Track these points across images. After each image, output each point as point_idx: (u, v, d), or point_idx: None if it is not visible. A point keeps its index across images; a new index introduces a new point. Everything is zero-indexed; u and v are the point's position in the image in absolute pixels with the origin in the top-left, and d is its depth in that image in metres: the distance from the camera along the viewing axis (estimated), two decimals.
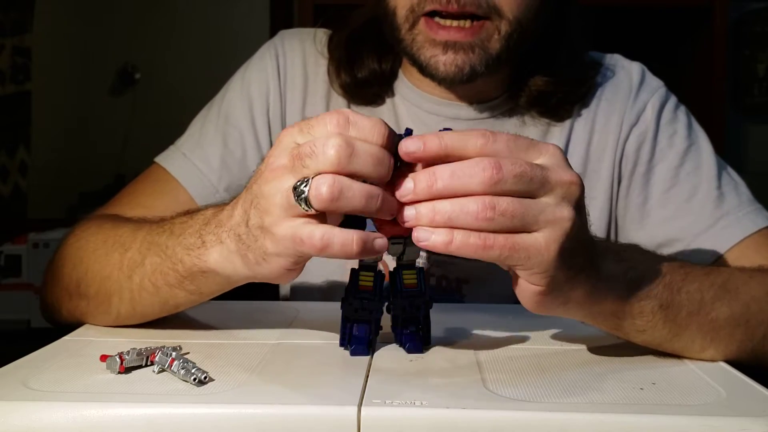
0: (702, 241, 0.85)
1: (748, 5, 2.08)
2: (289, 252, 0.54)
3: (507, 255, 0.52)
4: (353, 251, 0.52)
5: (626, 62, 0.95)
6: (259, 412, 0.49)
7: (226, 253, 0.59)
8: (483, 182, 0.51)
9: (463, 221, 0.51)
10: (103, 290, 0.70)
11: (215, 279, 0.62)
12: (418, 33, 0.80)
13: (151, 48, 2.42)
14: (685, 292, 0.63)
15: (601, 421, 0.48)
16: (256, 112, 0.93)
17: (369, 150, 0.52)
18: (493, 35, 0.79)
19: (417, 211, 0.52)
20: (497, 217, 0.51)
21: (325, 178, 0.51)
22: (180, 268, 0.63)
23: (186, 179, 0.89)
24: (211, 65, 2.30)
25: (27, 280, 1.50)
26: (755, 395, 0.54)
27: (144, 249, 0.68)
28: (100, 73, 2.42)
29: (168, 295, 0.66)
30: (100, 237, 0.75)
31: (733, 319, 0.64)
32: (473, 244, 0.51)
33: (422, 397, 0.50)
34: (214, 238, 0.60)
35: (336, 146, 0.51)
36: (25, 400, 0.50)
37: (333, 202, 0.51)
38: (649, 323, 0.61)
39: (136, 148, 2.38)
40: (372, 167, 0.52)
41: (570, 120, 0.92)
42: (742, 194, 0.88)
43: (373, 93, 0.92)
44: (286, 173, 0.53)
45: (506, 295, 0.91)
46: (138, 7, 2.41)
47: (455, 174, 0.52)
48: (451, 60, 0.79)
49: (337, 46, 0.93)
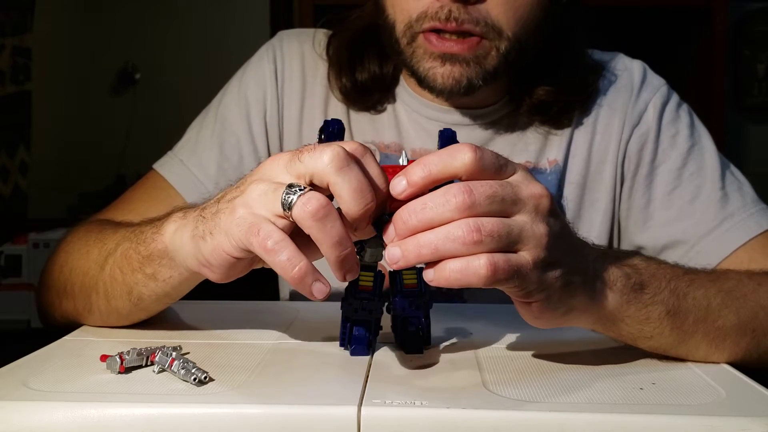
0: (706, 244, 0.84)
1: (748, 5, 2.08)
2: (237, 235, 0.53)
3: (510, 276, 0.51)
4: (289, 275, 0.52)
5: (627, 61, 0.95)
6: (259, 412, 0.49)
7: (179, 226, 0.60)
8: (457, 208, 0.50)
9: (451, 247, 0.50)
10: (85, 287, 0.71)
11: (168, 261, 0.62)
12: (417, 46, 0.80)
13: (151, 48, 2.42)
14: (691, 298, 0.62)
15: (601, 421, 0.48)
16: (253, 116, 0.92)
17: (358, 176, 0.52)
18: (490, 51, 0.79)
19: (402, 249, 0.51)
20: (485, 238, 0.50)
21: (320, 196, 0.51)
22: (142, 249, 0.64)
23: (182, 186, 0.89)
24: (211, 65, 2.30)
25: (27, 280, 1.50)
26: (755, 395, 0.54)
27: (120, 238, 0.68)
28: (101, 73, 2.43)
29: (131, 281, 0.66)
30: (84, 238, 0.76)
31: (740, 327, 0.64)
32: (476, 272, 0.50)
33: (422, 397, 0.50)
34: (180, 215, 0.61)
35: (335, 152, 0.51)
36: (25, 400, 0.50)
37: (311, 219, 0.51)
38: (656, 329, 0.61)
39: (137, 148, 2.38)
40: (363, 182, 0.52)
41: (571, 122, 0.91)
42: (746, 194, 0.87)
43: (374, 100, 0.91)
44: (282, 164, 0.54)
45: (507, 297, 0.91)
46: (138, 7, 2.41)
47: (427, 206, 0.51)
48: (449, 72, 0.79)
49: (337, 50, 0.92)
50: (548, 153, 0.90)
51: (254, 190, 0.54)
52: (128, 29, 2.41)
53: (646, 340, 0.62)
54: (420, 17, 0.78)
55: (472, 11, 0.77)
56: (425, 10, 0.78)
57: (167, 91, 2.41)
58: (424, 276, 0.52)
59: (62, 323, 0.76)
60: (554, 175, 0.90)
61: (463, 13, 0.76)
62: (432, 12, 0.77)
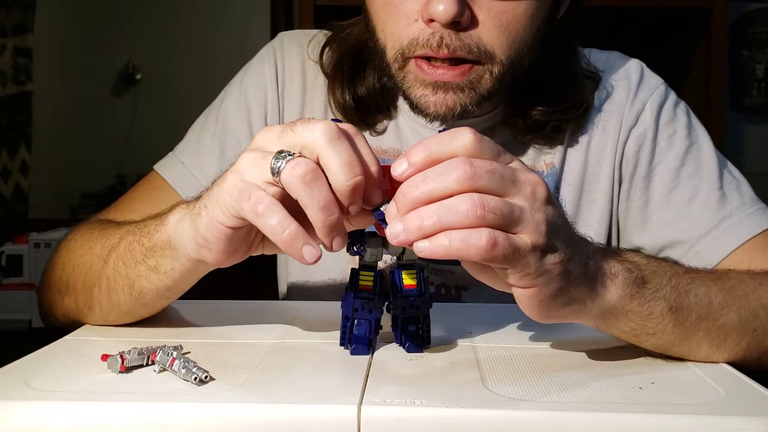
0: (705, 244, 0.84)
1: (748, 5, 2.08)
2: (228, 201, 0.55)
3: (508, 254, 0.51)
4: (279, 238, 0.53)
5: (624, 60, 0.94)
6: (259, 411, 0.49)
7: (182, 216, 0.61)
8: (458, 179, 0.51)
9: (453, 220, 0.51)
10: (87, 282, 0.71)
11: (170, 252, 0.63)
12: (408, 72, 0.78)
13: (152, 48, 2.42)
14: (693, 296, 0.62)
15: (600, 420, 0.48)
16: (254, 119, 0.92)
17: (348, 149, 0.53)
18: (483, 75, 0.77)
19: (403, 223, 0.51)
20: (487, 214, 0.51)
21: (307, 162, 0.53)
22: (146, 241, 0.65)
23: (182, 188, 0.89)
24: (212, 65, 2.31)
25: (28, 279, 1.50)
26: (755, 395, 0.54)
27: (123, 233, 0.69)
28: (101, 73, 2.43)
29: (133, 273, 0.66)
30: (86, 236, 0.76)
31: (741, 326, 0.63)
32: (476, 243, 0.50)
33: (422, 397, 0.50)
34: (183, 206, 0.63)
35: (327, 125, 0.53)
36: (26, 400, 0.50)
37: (298, 182, 0.52)
38: (659, 326, 0.60)
39: (137, 148, 2.38)
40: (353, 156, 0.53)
41: (564, 139, 0.90)
42: (744, 194, 0.87)
43: (375, 120, 0.90)
44: (275, 134, 0.56)
45: (507, 297, 0.91)
46: (139, 8, 2.41)
47: (428, 177, 0.52)
48: (441, 100, 0.76)
49: (335, 68, 0.90)
50: (545, 156, 0.90)
51: (245, 159, 0.56)
52: (129, 30, 2.42)
53: (649, 337, 0.61)
54: (411, 44, 0.76)
55: (464, 37, 0.74)
56: (416, 36, 0.75)
57: (168, 92, 2.41)
58: (416, 248, 0.52)
59: (63, 322, 0.77)
60: (551, 178, 0.89)
61: (455, 40, 0.74)
62: (423, 39, 0.74)
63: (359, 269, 0.62)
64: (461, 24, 0.73)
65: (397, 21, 0.76)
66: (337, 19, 0.94)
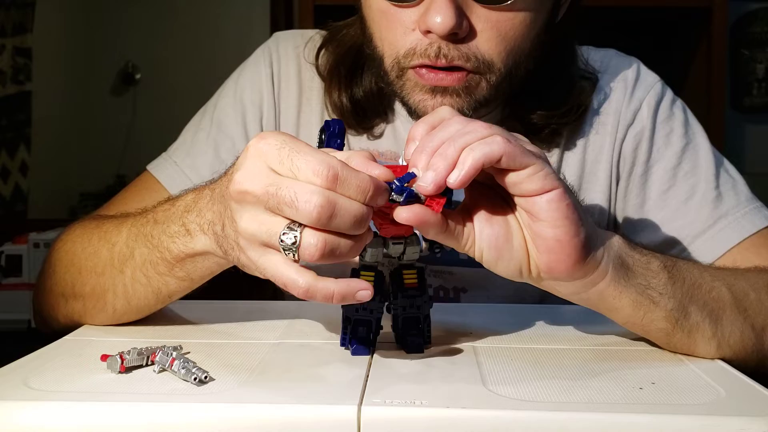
0: (700, 244, 0.84)
1: (748, 5, 2.08)
2: (269, 275, 0.55)
3: (524, 150, 0.55)
4: (334, 302, 0.53)
5: (621, 58, 0.94)
6: (259, 411, 0.49)
7: (211, 243, 0.61)
8: (459, 123, 0.57)
9: (470, 137, 0.55)
10: (98, 287, 0.71)
11: (204, 263, 0.64)
12: (407, 80, 0.78)
13: (152, 48, 2.42)
14: (684, 269, 0.65)
15: (601, 420, 0.48)
16: (249, 120, 0.92)
17: (351, 210, 0.52)
18: (480, 83, 0.77)
19: (430, 167, 0.55)
20: (495, 129, 0.55)
21: (314, 237, 0.51)
22: (168, 256, 0.65)
23: (174, 188, 0.88)
24: (212, 65, 2.31)
25: (27, 280, 1.50)
26: (755, 395, 0.55)
27: (131, 241, 0.69)
28: (101, 73, 2.43)
29: (160, 283, 0.67)
30: (86, 236, 0.75)
31: (732, 301, 0.65)
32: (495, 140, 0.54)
33: (422, 397, 0.50)
34: (197, 228, 0.62)
35: (318, 207, 0.50)
36: (25, 400, 0.50)
37: (322, 259, 0.52)
38: (660, 282, 0.62)
39: (137, 148, 2.38)
40: (350, 227, 0.52)
41: (561, 142, 0.90)
42: (740, 193, 0.87)
43: (372, 123, 0.90)
44: (258, 206, 0.53)
45: (507, 297, 0.90)
46: (138, 8, 2.41)
47: (435, 133, 0.57)
48: (439, 104, 0.76)
49: (332, 71, 0.90)
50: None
51: (254, 243, 0.54)
52: (128, 29, 2.42)
53: (654, 308, 0.61)
54: (408, 54, 0.76)
55: (461, 47, 0.74)
56: (413, 46, 0.75)
57: (167, 91, 2.41)
58: (449, 182, 0.54)
59: (64, 325, 0.76)
60: None
61: (452, 50, 0.74)
62: (421, 49, 0.74)
63: (359, 269, 0.62)
64: (459, 35, 0.73)
65: (393, 30, 0.77)
66: (337, 18, 0.93)
